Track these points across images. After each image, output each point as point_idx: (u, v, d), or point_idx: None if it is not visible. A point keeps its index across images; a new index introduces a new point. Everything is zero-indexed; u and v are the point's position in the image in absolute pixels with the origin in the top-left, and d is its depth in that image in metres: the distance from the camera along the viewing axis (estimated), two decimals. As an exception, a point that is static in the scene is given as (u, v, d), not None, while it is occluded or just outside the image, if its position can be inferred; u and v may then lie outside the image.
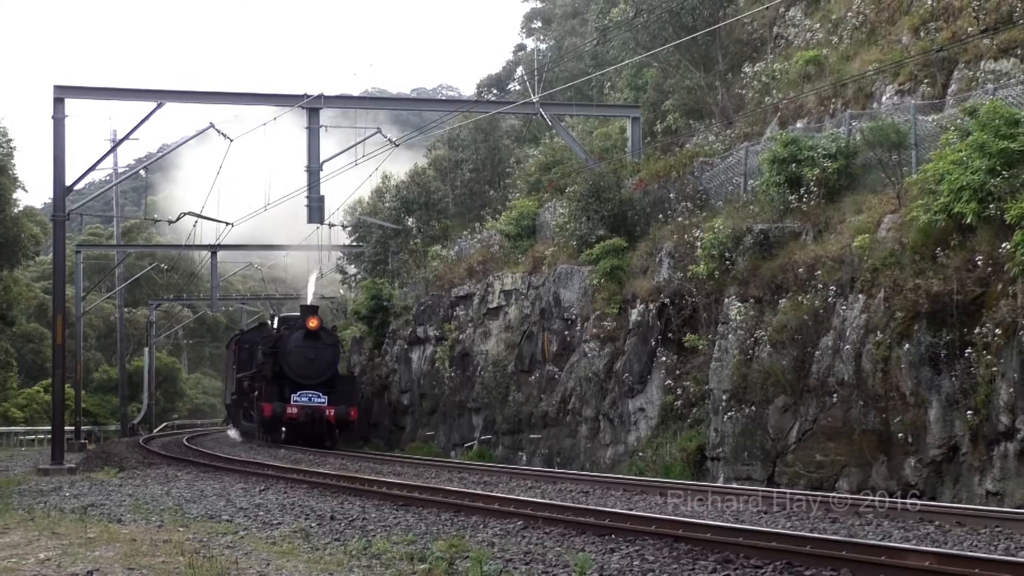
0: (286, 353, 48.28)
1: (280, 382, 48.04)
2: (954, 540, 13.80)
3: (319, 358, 48.23)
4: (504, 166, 59.24)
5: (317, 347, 48.48)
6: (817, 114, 32.27)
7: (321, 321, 50.31)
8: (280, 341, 49.33)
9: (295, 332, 48.97)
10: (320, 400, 46.75)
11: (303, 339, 48.57)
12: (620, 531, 14.82)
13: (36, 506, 20.06)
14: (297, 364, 48.00)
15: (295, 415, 46.57)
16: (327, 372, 48.43)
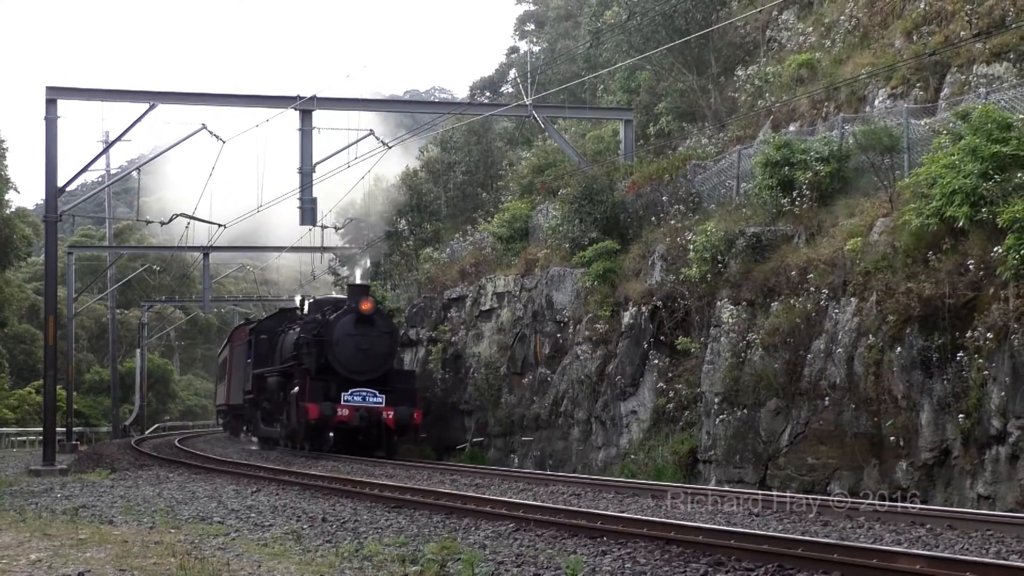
0: (333, 342, 40.10)
1: (326, 378, 39.87)
2: (945, 543, 13.82)
3: (373, 349, 40.28)
4: (497, 168, 59.25)
5: (371, 335, 40.36)
6: (810, 117, 32.29)
7: (376, 303, 41.98)
8: (325, 328, 40.64)
9: (344, 317, 40.56)
10: (377, 400, 39.19)
11: (354, 325, 40.37)
12: (612, 533, 14.82)
13: (27, 507, 20.03)
14: (347, 356, 40.02)
15: (347, 418, 38.64)
16: (382, 366, 40.50)
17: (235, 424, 61.72)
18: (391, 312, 43.83)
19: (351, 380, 39.49)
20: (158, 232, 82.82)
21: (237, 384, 56.06)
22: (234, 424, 62.20)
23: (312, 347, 40.46)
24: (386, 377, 40.19)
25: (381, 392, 39.26)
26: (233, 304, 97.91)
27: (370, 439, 39.68)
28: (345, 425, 38.82)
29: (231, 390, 59.10)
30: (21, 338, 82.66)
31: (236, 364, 56.83)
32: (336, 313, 40.96)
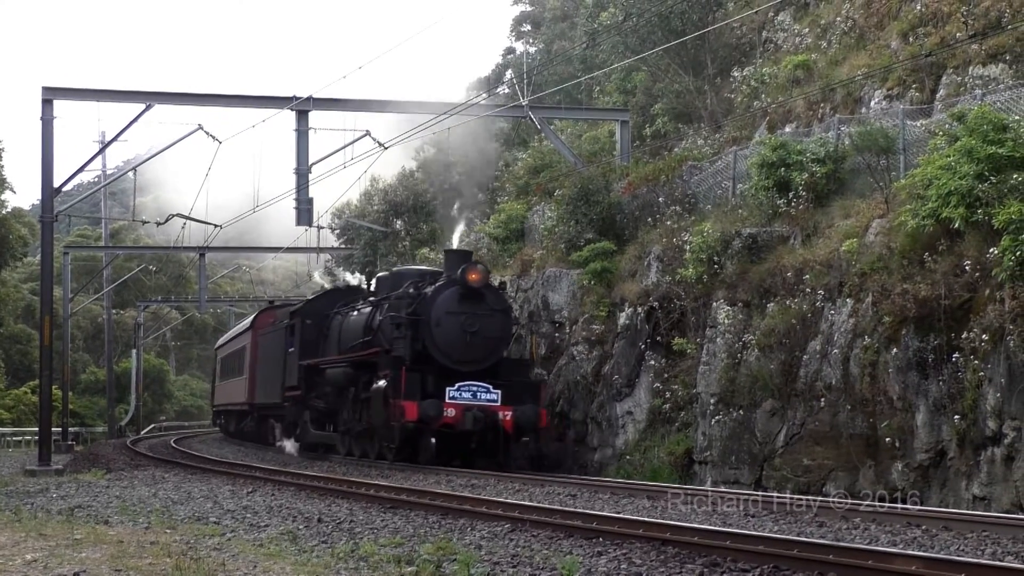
0: (432, 323, 31.70)
1: (421, 369, 31.50)
2: (941, 544, 13.83)
3: (484, 331, 31.91)
4: (493, 169, 59.22)
5: (480, 315, 31.90)
6: (806, 118, 32.30)
7: (486, 274, 32.69)
8: (423, 304, 32.11)
9: (446, 291, 32.06)
10: (491, 397, 31.14)
11: (459, 301, 31.88)
12: (608, 534, 14.82)
13: (23, 507, 20.02)
14: (451, 340, 31.69)
15: (454, 419, 30.49)
16: (494, 353, 32.19)
17: (261, 428, 50.31)
18: (501, 285, 34.40)
19: (454, 371, 31.43)
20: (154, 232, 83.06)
21: (269, 379, 45.47)
22: (257, 428, 51.16)
23: (407, 329, 31.94)
24: (496, 368, 32.16)
25: (495, 387, 31.38)
26: (229, 304, 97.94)
27: (484, 446, 31.28)
28: (450, 429, 30.66)
29: (256, 386, 48.58)
30: (17, 338, 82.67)
31: (265, 355, 47.02)
32: (435, 286, 32.52)
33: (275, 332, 45.49)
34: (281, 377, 42.89)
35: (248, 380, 50.26)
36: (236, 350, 56.28)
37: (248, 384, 49.99)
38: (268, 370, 45.93)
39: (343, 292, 42.47)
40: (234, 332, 62.06)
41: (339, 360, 36.67)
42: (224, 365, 62.00)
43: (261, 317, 50.83)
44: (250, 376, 49.77)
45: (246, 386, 50.48)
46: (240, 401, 52.97)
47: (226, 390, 59.61)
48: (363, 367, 34.43)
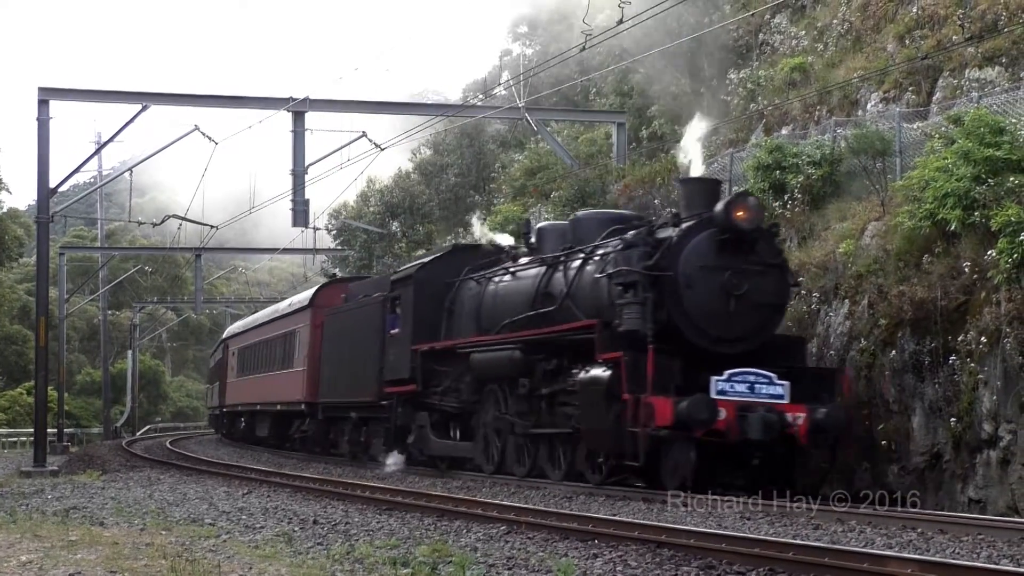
0: (681, 282, 21.80)
1: (666, 349, 21.21)
2: (936, 547, 13.83)
3: (754, 296, 21.88)
4: (489, 171, 59.29)
5: (750, 271, 21.91)
6: (802, 121, 32.31)
7: (759, 211, 22.29)
8: (667, 254, 22.04)
9: (698, 236, 22.07)
10: (775, 391, 21.24)
11: (717, 252, 21.91)
12: (603, 536, 14.82)
13: (18, 508, 19.99)
14: (708, 308, 21.84)
15: (728, 424, 20.65)
16: (766, 328, 22.33)
17: (327, 434, 39.56)
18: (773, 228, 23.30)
19: (711, 354, 21.62)
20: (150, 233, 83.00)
21: (348, 370, 35.46)
22: (322, 434, 39.89)
23: (647, 290, 21.67)
24: (764, 350, 22.01)
25: (780, 376, 21.37)
26: (225, 306, 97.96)
27: (772, 464, 21.31)
28: (718, 438, 20.73)
29: (321, 381, 38.68)
30: (12, 339, 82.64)
31: (340, 340, 36.74)
32: (682, 228, 22.25)
33: (358, 311, 35.47)
34: (375, 367, 32.64)
35: (305, 373, 39.89)
36: (271, 338, 46.52)
37: (306, 378, 39.76)
38: (347, 359, 35.62)
39: (465, 252, 31.40)
40: (263, 317, 51.76)
41: (495, 342, 26.35)
42: (244, 358, 52.55)
43: (325, 293, 40.92)
44: (309, 368, 39.48)
45: (301, 381, 40.33)
46: (287, 400, 42.36)
47: (249, 388, 50.08)
48: (543, 349, 24.45)
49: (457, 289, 29.75)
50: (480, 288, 28.53)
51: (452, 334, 29.43)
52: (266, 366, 46.88)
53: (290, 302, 46.77)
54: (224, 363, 58.67)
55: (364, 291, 36.17)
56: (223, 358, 59.48)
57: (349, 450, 36.45)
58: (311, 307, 40.96)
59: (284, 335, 44.21)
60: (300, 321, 41.93)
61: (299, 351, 41.45)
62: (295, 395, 41.09)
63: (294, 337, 42.50)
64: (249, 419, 51.45)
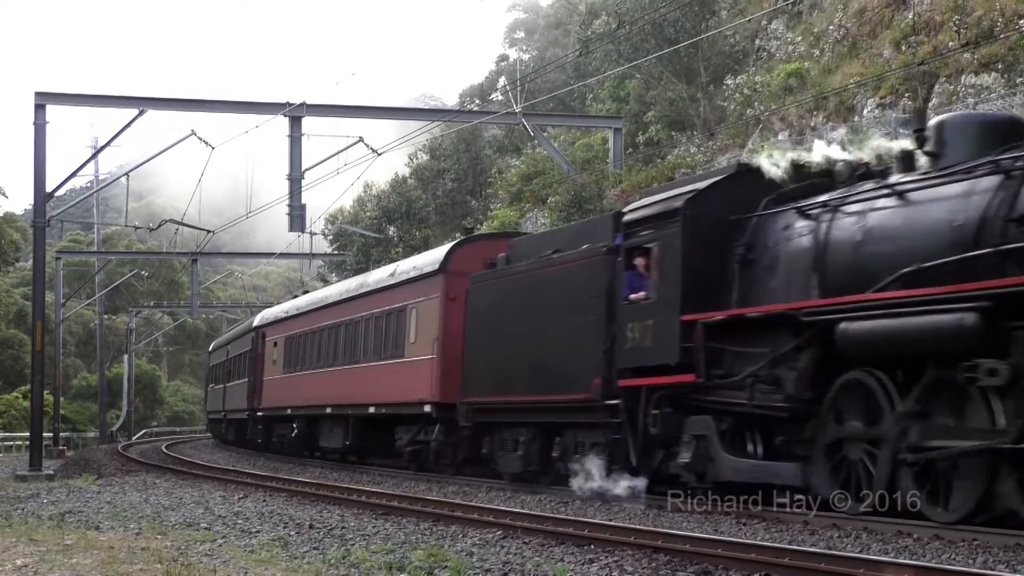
0: None
1: None
2: (932, 553, 13.83)
3: None
4: (486, 176, 59.35)
5: None
6: (799, 127, 32.36)
7: None
8: None
9: None
10: None
11: None
12: (599, 541, 14.82)
13: (13, 513, 19.98)
14: None
15: None
16: None
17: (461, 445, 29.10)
18: None
19: None
20: (146, 237, 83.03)
21: (524, 359, 25.26)
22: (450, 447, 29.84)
23: None
24: None
25: None
26: (221, 310, 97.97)
27: None
28: None
29: (467, 374, 27.92)
30: (9, 343, 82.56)
31: (500, 320, 26.53)
32: None
33: (548, 272, 24.66)
34: (592, 351, 22.51)
35: (434, 364, 29.97)
36: (356, 320, 36.45)
37: (435, 371, 29.90)
38: (524, 342, 25.20)
39: (757, 177, 20.47)
40: (333, 295, 41.03)
41: (906, 299, 16.21)
42: (297, 349, 42.88)
43: (464, 255, 30.09)
44: (441, 357, 29.71)
45: (427, 374, 30.31)
46: (395, 400, 32.49)
47: (309, 386, 40.33)
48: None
49: (756, 230, 20.11)
50: (819, 225, 18.76)
51: (753, 296, 19.83)
52: (346, 357, 36.78)
53: (393, 270, 34.97)
54: (256, 357, 48.07)
55: (546, 246, 25.57)
56: (254, 351, 48.67)
57: (521, 469, 25.21)
58: (443, 274, 30.01)
59: (385, 314, 33.71)
60: (419, 293, 31.32)
61: (417, 334, 31.26)
62: (414, 393, 30.72)
63: (406, 316, 32.12)
64: (306, 426, 40.69)
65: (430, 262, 31.37)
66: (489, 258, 28.13)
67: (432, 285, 30.53)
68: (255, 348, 48.67)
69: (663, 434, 20.42)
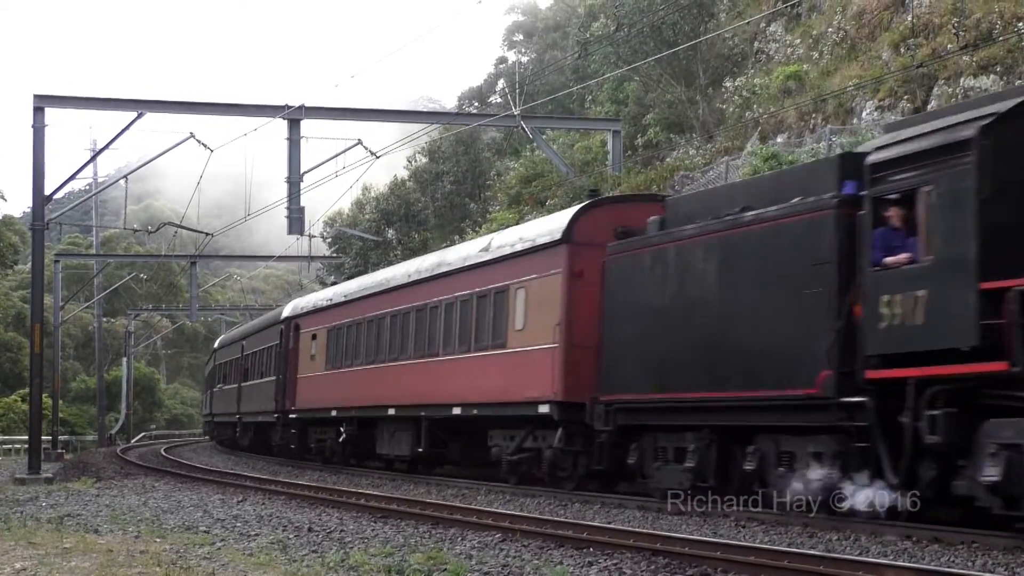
0: None
1: None
2: (931, 555, 13.83)
3: None
4: (485, 179, 59.35)
5: None
6: (797, 129, 32.38)
7: None
8: None
9: None
10: None
11: None
12: (598, 544, 14.81)
13: (12, 516, 19.96)
14: None
15: None
16: None
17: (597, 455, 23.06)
18: None
19: None
20: (145, 240, 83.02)
21: (700, 347, 20.29)
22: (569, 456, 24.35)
23: None
24: None
25: None
26: (220, 313, 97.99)
27: None
28: None
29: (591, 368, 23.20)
30: (7, 346, 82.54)
31: (658, 300, 21.42)
32: None
33: (734, 236, 19.59)
34: (817, 336, 17.62)
35: (556, 355, 24.02)
36: (430, 306, 30.34)
37: (556, 363, 23.86)
38: (696, 325, 20.41)
39: None
40: (396, 276, 34.19)
41: None
42: (347, 341, 36.59)
43: (592, 221, 24.30)
44: (565, 346, 23.82)
45: (546, 367, 24.32)
46: (494, 399, 26.55)
47: (364, 383, 34.29)
48: None
49: None
50: None
51: None
52: (418, 349, 30.79)
53: (487, 243, 28.75)
54: (287, 352, 42.24)
55: (726, 204, 20.40)
56: (283, 345, 42.83)
57: (691, 483, 20.06)
58: (566, 245, 24.17)
59: (476, 298, 27.72)
60: (528, 270, 25.47)
61: (526, 319, 25.29)
62: (523, 391, 24.94)
63: (508, 298, 26.18)
64: (359, 429, 35.33)
65: (545, 232, 25.40)
66: (622, 225, 23.30)
67: (550, 259, 24.60)
68: (285, 342, 42.69)
69: (945, 442, 15.38)
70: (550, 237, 24.70)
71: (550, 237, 24.70)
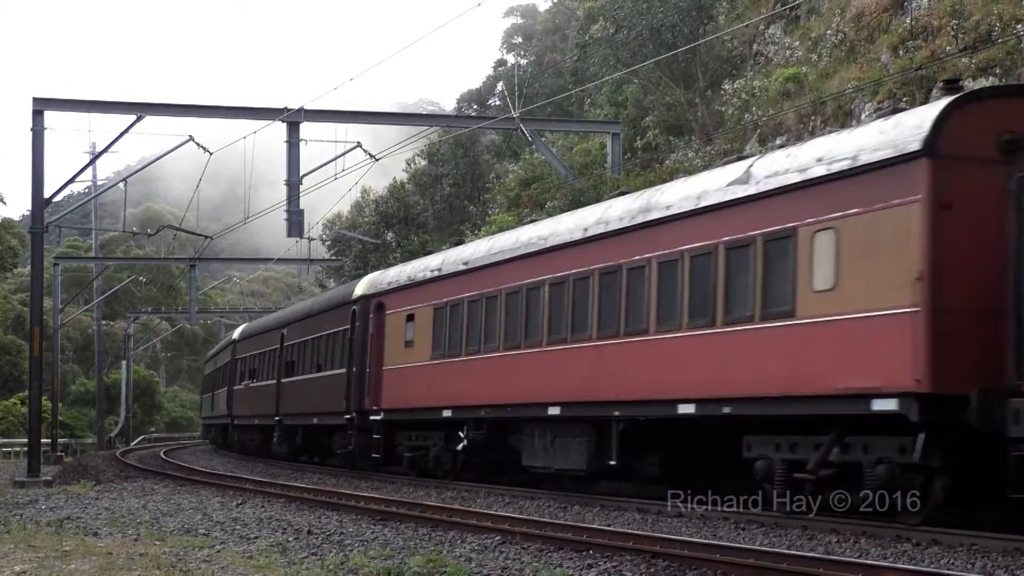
0: None
1: None
2: (931, 558, 13.82)
3: None
4: (484, 181, 59.37)
5: None
6: (796, 131, 32.36)
7: None
8: None
9: None
10: None
11: None
12: (598, 547, 14.80)
13: (11, 519, 19.96)
14: None
15: None
16: None
17: None
18: None
19: None
20: (144, 243, 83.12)
21: None
22: None
23: None
24: None
25: None
26: (220, 316, 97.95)
27: None
28: None
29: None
30: (7, 349, 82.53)
31: None
32: None
33: None
34: None
35: (918, 324, 16.27)
36: (637, 266, 22.49)
37: (920, 336, 16.15)
38: None
39: None
40: (560, 231, 25.56)
41: None
42: (457, 323, 29.41)
43: (968, 123, 16.70)
44: (932, 311, 16.23)
45: (898, 342, 16.61)
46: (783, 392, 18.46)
47: (484, 375, 27.74)
48: None
49: None
50: None
51: None
52: (603, 327, 23.19)
53: (744, 169, 20.13)
54: (364, 339, 35.01)
55: None
56: (357, 331, 35.66)
57: None
58: (928, 160, 16.45)
59: (721, 250, 19.88)
60: (844, 203, 17.69)
61: (839, 274, 17.64)
62: (842, 377, 17.34)
63: (798, 246, 18.28)
64: (490, 435, 27.64)
65: (877, 144, 17.30)
66: (1011, 130, 16.37)
67: (892, 184, 16.94)
68: (362, 326, 35.19)
69: None
70: (893, 150, 16.81)
71: (893, 150, 16.81)
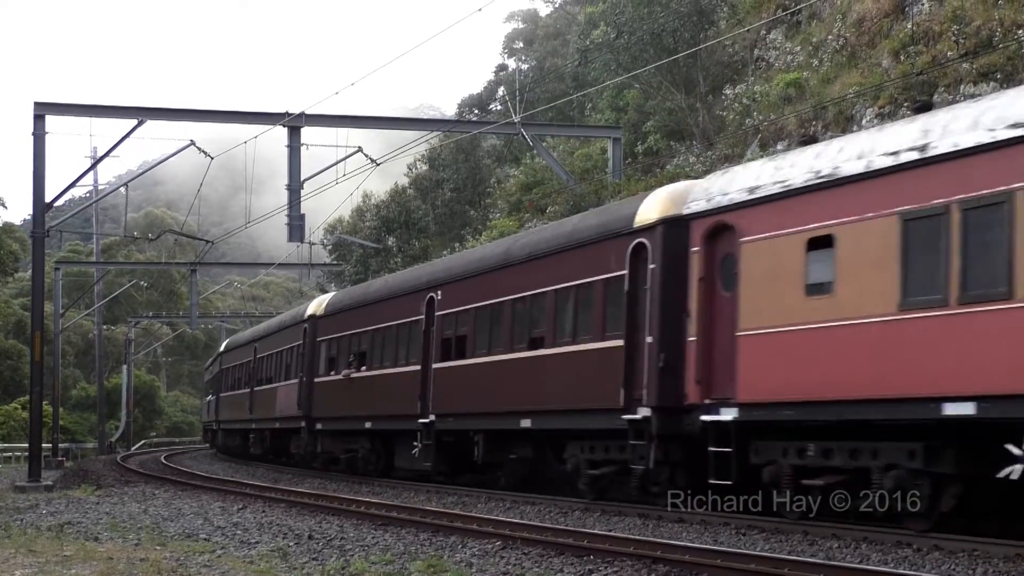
0: None
1: None
2: (932, 563, 13.82)
3: None
4: (485, 186, 59.36)
5: None
6: (797, 136, 32.35)
7: None
8: None
9: None
10: None
11: None
12: (599, 552, 14.79)
13: (12, 523, 19.96)
14: None
15: None
16: None
17: None
18: None
19: None
20: (145, 247, 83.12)
21: None
22: None
23: None
24: None
25: None
26: (220, 320, 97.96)
27: None
28: None
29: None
30: (8, 354, 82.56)
31: None
32: None
33: None
34: None
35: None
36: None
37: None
38: None
39: None
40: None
41: None
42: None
43: None
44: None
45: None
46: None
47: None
48: None
49: None
50: None
51: None
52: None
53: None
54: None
55: None
56: (311, 346, 35.39)
57: None
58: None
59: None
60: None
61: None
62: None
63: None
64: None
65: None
66: None
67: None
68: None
69: None
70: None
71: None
